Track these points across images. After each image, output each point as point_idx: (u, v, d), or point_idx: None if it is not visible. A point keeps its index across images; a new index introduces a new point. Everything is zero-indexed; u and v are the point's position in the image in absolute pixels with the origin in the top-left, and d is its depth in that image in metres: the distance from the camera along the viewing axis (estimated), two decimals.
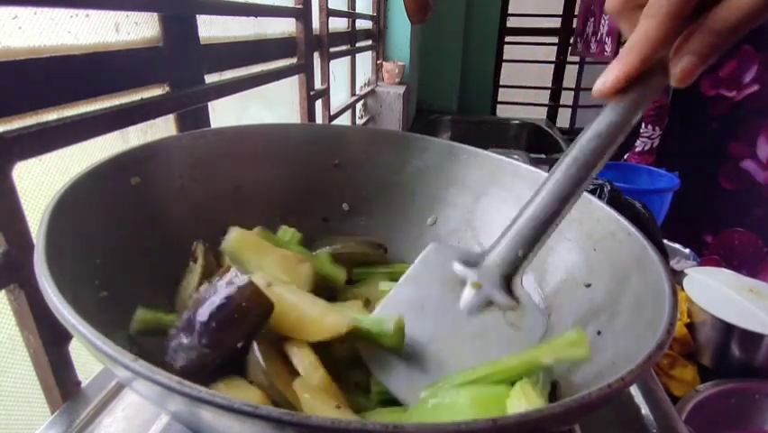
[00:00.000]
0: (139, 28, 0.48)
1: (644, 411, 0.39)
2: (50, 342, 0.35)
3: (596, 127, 0.27)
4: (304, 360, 0.25)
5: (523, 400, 0.23)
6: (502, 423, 0.17)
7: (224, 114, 0.68)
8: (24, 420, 0.39)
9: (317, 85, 1.03)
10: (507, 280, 0.26)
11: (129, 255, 0.34)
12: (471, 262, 0.27)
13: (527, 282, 0.41)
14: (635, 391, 0.41)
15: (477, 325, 0.25)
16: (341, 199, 0.50)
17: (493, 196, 0.46)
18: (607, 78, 0.27)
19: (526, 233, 0.26)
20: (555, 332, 0.35)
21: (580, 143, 0.27)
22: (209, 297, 0.24)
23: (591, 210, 0.39)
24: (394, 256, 0.47)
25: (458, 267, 0.27)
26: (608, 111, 0.27)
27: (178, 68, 0.53)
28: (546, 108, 2.75)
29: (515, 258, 0.26)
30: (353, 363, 0.27)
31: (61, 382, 0.36)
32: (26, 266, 0.32)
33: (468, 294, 0.26)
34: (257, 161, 0.47)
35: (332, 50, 1.15)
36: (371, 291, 0.37)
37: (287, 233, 0.41)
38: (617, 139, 0.27)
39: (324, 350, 0.26)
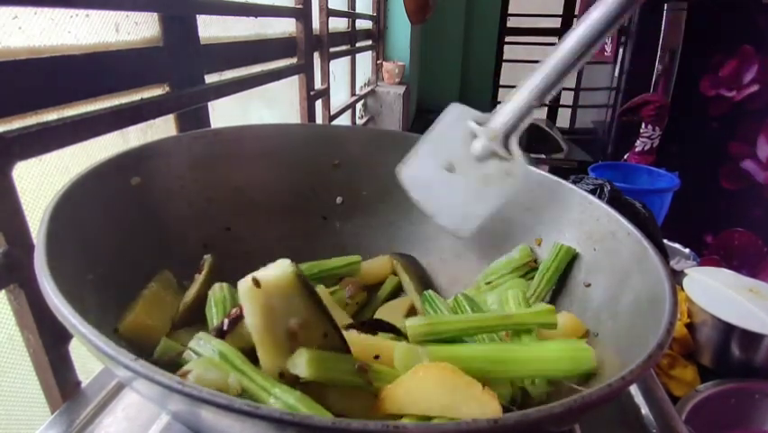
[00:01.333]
0: (139, 28, 0.48)
1: (644, 411, 0.39)
2: (50, 342, 0.35)
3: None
4: None
5: None
6: (503, 423, 0.18)
7: (224, 114, 0.68)
8: (24, 420, 0.39)
9: (317, 85, 1.03)
10: (507, 137, 0.32)
11: (129, 255, 0.34)
12: (482, 120, 0.33)
13: None
14: (635, 391, 0.41)
15: (483, 169, 0.33)
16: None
17: None
18: None
19: (524, 103, 0.31)
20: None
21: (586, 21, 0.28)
22: None
23: (591, 210, 0.39)
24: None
25: (471, 124, 0.33)
26: None
27: (178, 68, 0.53)
28: (546, 108, 2.76)
29: (514, 121, 0.32)
30: None
31: (61, 382, 0.36)
32: (26, 266, 0.32)
33: (477, 145, 0.33)
34: (257, 161, 0.47)
35: (332, 50, 1.15)
36: None
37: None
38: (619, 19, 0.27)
39: None
